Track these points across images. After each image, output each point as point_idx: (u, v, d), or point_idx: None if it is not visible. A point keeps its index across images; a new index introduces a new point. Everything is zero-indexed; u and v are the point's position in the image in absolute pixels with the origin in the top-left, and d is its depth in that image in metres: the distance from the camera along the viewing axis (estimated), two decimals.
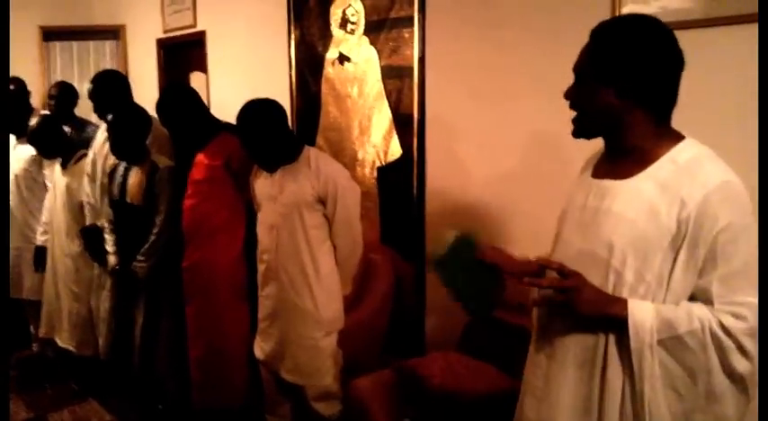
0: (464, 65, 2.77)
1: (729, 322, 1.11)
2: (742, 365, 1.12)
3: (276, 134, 2.07)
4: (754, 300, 1.12)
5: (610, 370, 1.20)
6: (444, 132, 2.90)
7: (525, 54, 2.55)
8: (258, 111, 2.06)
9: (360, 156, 3.27)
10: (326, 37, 3.35)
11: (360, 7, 3.17)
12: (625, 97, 1.18)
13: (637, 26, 1.19)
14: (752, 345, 1.12)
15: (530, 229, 2.64)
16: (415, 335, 3.09)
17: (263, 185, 2.21)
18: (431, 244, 3.00)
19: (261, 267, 2.24)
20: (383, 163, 3.16)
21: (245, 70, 3.93)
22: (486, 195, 2.77)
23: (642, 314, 1.14)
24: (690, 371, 1.14)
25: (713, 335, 1.12)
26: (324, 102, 3.42)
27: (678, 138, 1.21)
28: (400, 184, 3.08)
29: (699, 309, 1.13)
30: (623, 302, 1.17)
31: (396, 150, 3.11)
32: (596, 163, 1.34)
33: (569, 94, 1.27)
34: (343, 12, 3.25)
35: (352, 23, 3.21)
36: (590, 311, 1.18)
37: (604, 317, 1.18)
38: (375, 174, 3.21)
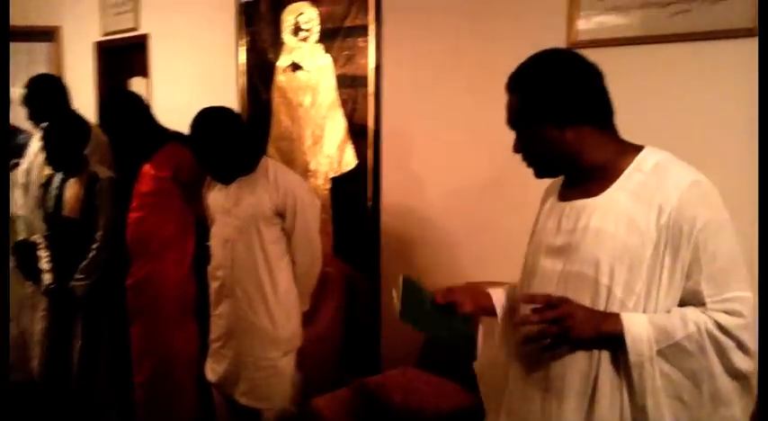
0: (421, 75, 2.74)
1: (724, 320, 1.10)
2: (743, 363, 1.11)
3: (232, 144, 1.96)
4: (745, 293, 1.12)
5: (600, 391, 1.16)
6: (400, 143, 2.86)
7: (484, 65, 2.54)
8: (213, 120, 1.95)
9: (312, 166, 3.19)
10: (278, 44, 3.26)
11: (313, 15, 3.10)
12: (565, 124, 1.19)
13: (543, 60, 1.23)
14: (751, 341, 1.11)
15: (488, 243, 2.63)
16: (370, 350, 3.02)
17: (216, 198, 2.10)
18: (386, 264, 2.95)
19: (214, 284, 2.12)
20: (337, 173, 3.09)
21: (191, 76, 3.79)
22: (444, 208, 2.74)
23: (638, 326, 1.11)
24: (692, 377, 1.12)
25: (711, 336, 1.10)
26: (275, 110, 3.32)
27: (637, 148, 1.22)
28: (355, 196, 3.01)
29: (692, 313, 1.12)
30: (616, 317, 1.14)
31: (350, 161, 3.04)
32: (559, 190, 1.32)
33: (517, 148, 1.28)
34: (296, 19, 3.17)
35: (305, 31, 3.14)
36: (586, 335, 1.14)
37: (600, 336, 1.14)
38: (328, 184, 3.13)
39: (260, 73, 3.39)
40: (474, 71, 2.58)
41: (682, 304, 1.14)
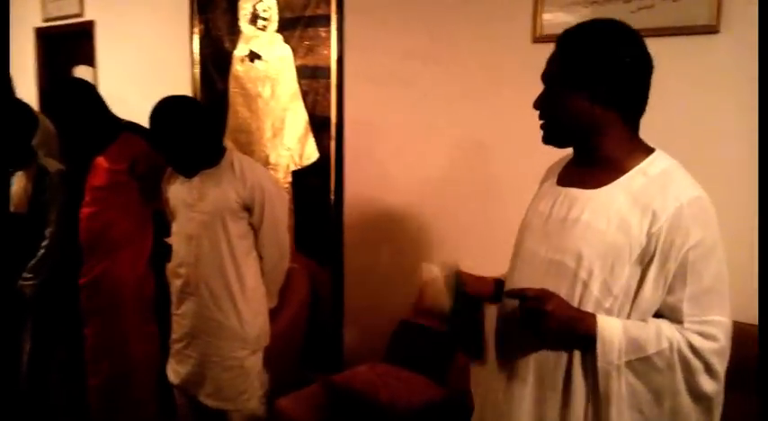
0: (385, 66, 2.70)
1: (698, 342, 1.08)
2: (709, 386, 1.10)
3: (197, 135, 1.87)
4: (724, 319, 1.10)
5: (573, 392, 1.16)
6: (364, 135, 2.82)
7: (450, 56, 2.52)
8: (176, 109, 1.86)
9: (272, 159, 3.11)
10: (235, 32, 3.16)
11: (272, 3, 3.01)
12: (598, 101, 1.15)
13: (607, 29, 1.16)
14: (720, 366, 1.10)
15: (454, 236, 2.63)
16: (332, 346, 2.98)
17: (178, 191, 2.00)
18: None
19: (176, 282, 2.03)
20: (298, 167, 3.03)
21: (141, 65, 3.63)
22: (408, 201, 2.72)
23: (611, 333, 1.10)
24: (655, 393, 1.11)
25: (681, 356, 1.08)
26: (232, 101, 3.22)
27: (648, 149, 1.19)
28: (317, 189, 2.96)
29: (668, 329, 1.10)
30: (592, 318, 1.12)
31: (312, 153, 2.99)
32: (561, 171, 1.29)
33: (539, 103, 1.23)
34: (254, 7, 3.07)
35: (264, 20, 3.05)
36: (559, 330, 1.12)
37: (572, 334, 1.13)
38: (289, 178, 3.06)
39: (215, 62, 3.28)
40: (438, 62, 2.56)
41: (657, 315, 1.13)
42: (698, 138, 2.02)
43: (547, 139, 1.23)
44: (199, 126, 1.88)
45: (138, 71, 3.64)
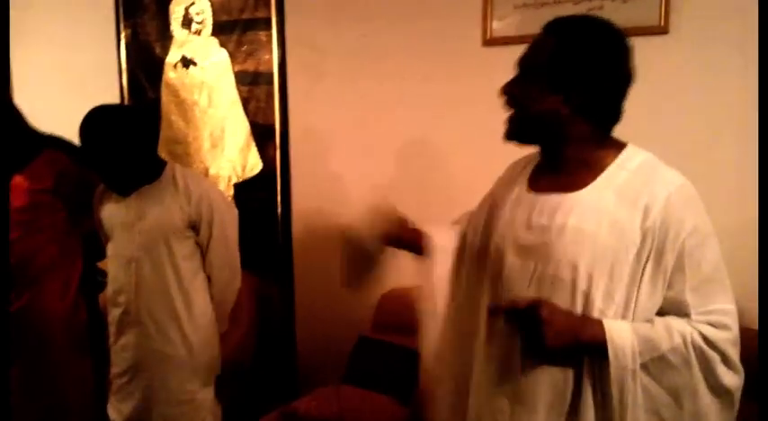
0: (332, 71, 2.58)
1: (711, 333, 1.03)
2: (728, 378, 1.04)
3: (134, 148, 1.69)
4: (731, 306, 1.06)
5: (582, 404, 1.07)
6: (311, 144, 2.69)
7: (400, 60, 2.44)
8: (110, 120, 1.67)
9: (212, 171, 2.93)
10: (166, 37, 2.95)
11: (206, 6, 2.83)
12: (573, 108, 1.08)
13: (604, 33, 1.09)
14: (736, 356, 1.05)
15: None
16: (286, 369, 2.82)
17: (114, 211, 1.81)
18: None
19: (114, 311, 1.83)
20: (240, 179, 2.86)
21: (62, 74, 3.33)
22: (362, 211, 2.60)
23: (621, 336, 1.02)
24: (674, 393, 1.04)
25: (696, 349, 1.02)
26: (165, 111, 3.01)
27: (620, 144, 1.14)
28: (262, 203, 2.80)
29: (677, 323, 1.04)
30: (597, 324, 1.04)
31: (255, 164, 2.83)
32: (530, 176, 1.21)
33: (510, 88, 1.13)
34: (186, 10, 2.88)
35: (198, 23, 2.86)
36: (563, 342, 1.03)
37: (578, 345, 1.04)
38: (231, 191, 2.89)
39: (145, 70, 3.05)
40: (388, 66, 2.47)
41: (661, 314, 1.06)
42: (646, 139, 2.01)
43: (510, 134, 1.15)
44: (136, 138, 1.70)
45: (59, 80, 3.35)
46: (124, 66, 3.10)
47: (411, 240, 1.40)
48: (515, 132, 1.15)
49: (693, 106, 1.97)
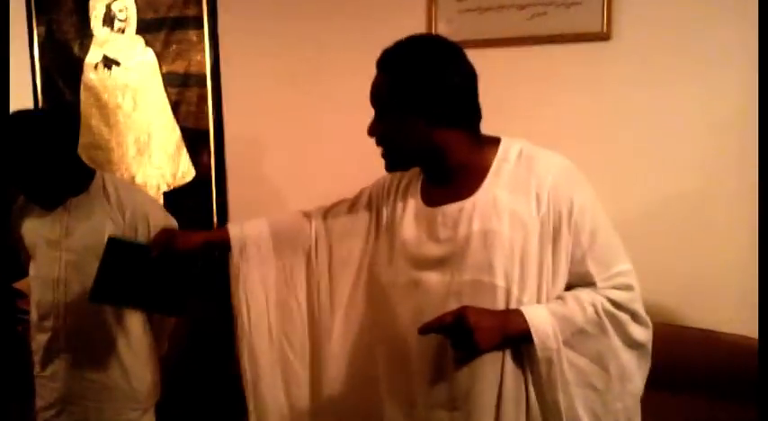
0: (268, 73, 2.48)
1: (616, 296, 1.10)
2: (640, 333, 1.12)
3: (59, 157, 1.53)
4: (628, 266, 1.13)
5: (505, 396, 1.12)
6: (248, 150, 2.57)
7: (341, 61, 2.36)
8: (30, 126, 1.50)
9: (139, 179, 2.74)
10: (86, 36, 2.74)
11: (130, 2, 2.65)
12: (436, 125, 1.12)
13: (430, 50, 1.12)
14: (642, 311, 1.13)
15: None
16: (231, 390, 2.67)
17: (36, 227, 1.63)
18: None
19: (40, 338, 1.65)
20: (171, 187, 2.69)
21: None
22: None
23: (541, 321, 1.08)
24: (598, 360, 1.11)
25: (608, 314, 1.10)
26: (84, 114, 2.80)
27: (494, 140, 1.18)
28: (195, 212, 2.64)
29: (585, 295, 1.10)
30: (518, 315, 1.08)
31: (187, 172, 2.67)
32: (420, 193, 1.23)
33: (374, 130, 1.18)
34: (108, 7, 2.69)
35: (121, 21, 2.68)
36: (494, 342, 1.07)
37: (507, 339, 1.09)
38: (161, 200, 2.71)
39: (61, 70, 2.83)
40: (328, 67, 2.39)
41: (569, 287, 1.13)
42: (589, 143, 2.05)
43: (391, 167, 1.20)
44: (59, 144, 1.54)
45: None
46: (38, 66, 2.86)
47: (201, 241, 1.39)
48: (396, 163, 1.19)
49: (636, 112, 2.01)
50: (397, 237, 1.23)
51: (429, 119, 1.11)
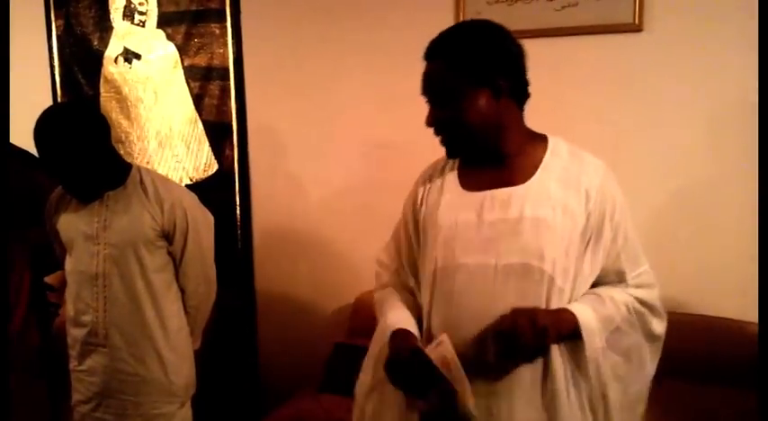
0: (291, 66, 2.47)
1: (642, 294, 1.18)
2: (659, 327, 1.20)
3: (95, 150, 1.52)
4: (647, 265, 1.21)
5: (557, 382, 1.13)
6: (271, 143, 2.57)
7: (359, 54, 2.35)
8: (71, 119, 1.48)
9: (161, 172, 2.72)
10: (106, 29, 2.73)
11: None
12: (500, 96, 1.14)
13: (485, 26, 1.17)
14: (661, 306, 1.20)
15: (378, 245, 2.46)
16: (248, 381, 2.68)
17: (73, 221, 1.62)
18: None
19: (77, 332, 1.64)
20: (194, 180, 2.68)
21: None
22: (324, 213, 2.51)
23: (588, 321, 1.12)
24: (626, 354, 1.17)
25: (637, 313, 1.17)
26: (104, 108, 2.78)
27: (543, 136, 1.22)
28: (219, 205, 2.61)
29: (618, 294, 1.16)
30: (569, 315, 1.12)
31: (210, 165, 2.66)
32: (459, 178, 1.23)
33: (434, 119, 1.17)
34: (128, 0, 2.67)
35: (141, 14, 2.66)
36: (555, 339, 1.12)
37: (560, 336, 1.12)
38: None
39: (81, 64, 2.81)
40: (349, 63, 2.38)
41: (599, 280, 1.18)
42: (619, 134, 2.05)
43: (452, 153, 1.21)
44: (99, 136, 1.53)
45: None
46: (56, 59, 2.84)
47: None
48: (457, 148, 1.20)
49: (667, 103, 2.01)
50: (433, 226, 1.22)
51: (495, 89, 1.12)
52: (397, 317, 1.25)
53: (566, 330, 1.11)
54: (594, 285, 1.18)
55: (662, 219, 2.03)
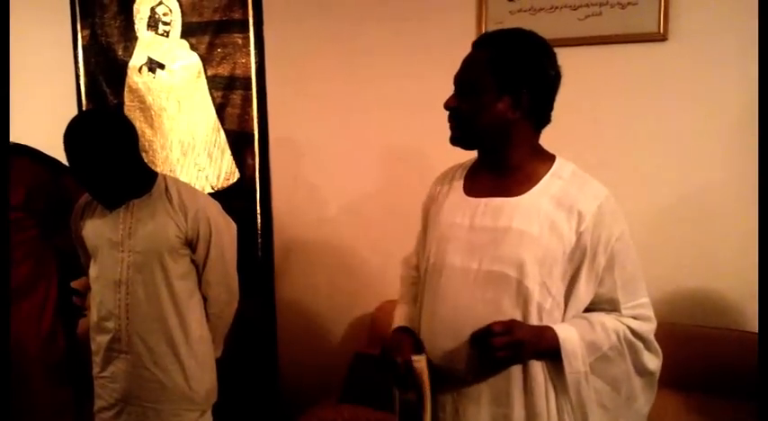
0: (313, 76, 2.48)
1: (637, 326, 1.17)
2: (652, 363, 1.19)
3: (123, 158, 1.53)
4: (647, 299, 1.21)
5: (536, 405, 1.15)
6: (292, 152, 2.58)
7: (380, 63, 2.36)
8: (100, 126, 1.50)
9: (184, 180, 2.75)
10: (131, 39, 2.77)
11: (174, 5, 2.67)
12: (519, 108, 1.16)
13: (534, 40, 1.18)
14: (656, 342, 1.20)
15: (399, 253, 2.45)
16: (267, 389, 2.68)
17: (99, 227, 1.64)
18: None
19: (100, 339, 1.65)
20: (216, 189, 2.70)
21: (14, 77, 3.07)
22: (344, 221, 2.51)
23: (571, 342, 1.13)
24: (613, 383, 1.18)
25: (628, 343, 1.17)
26: (128, 116, 2.81)
27: (550, 155, 1.23)
28: (240, 213, 2.63)
29: (609, 321, 1.17)
30: (551, 332, 1.14)
31: (231, 174, 2.68)
32: (464, 182, 1.27)
33: (453, 104, 1.20)
34: (152, 10, 2.71)
35: (166, 24, 2.70)
36: (531, 355, 1.14)
37: (537, 353, 1.15)
38: None
39: (106, 73, 2.85)
40: (370, 71, 2.39)
41: (591, 307, 1.19)
42: (646, 142, 2.03)
43: (457, 140, 1.22)
44: (129, 145, 1.55)
45: (11, 84, 3.08)
46: (82, 69, 2.89)
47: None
48: (461, 138, 1.21)
49: (692, 112, 1.98)
50: (434, 225, 1.28)
51: (517, 100, 1.14)
52: (404, 313, 1.36)
53: (544, 348, 1.13)
54: (587, 311, 1.19)
55: (694, 228, 2.00)
